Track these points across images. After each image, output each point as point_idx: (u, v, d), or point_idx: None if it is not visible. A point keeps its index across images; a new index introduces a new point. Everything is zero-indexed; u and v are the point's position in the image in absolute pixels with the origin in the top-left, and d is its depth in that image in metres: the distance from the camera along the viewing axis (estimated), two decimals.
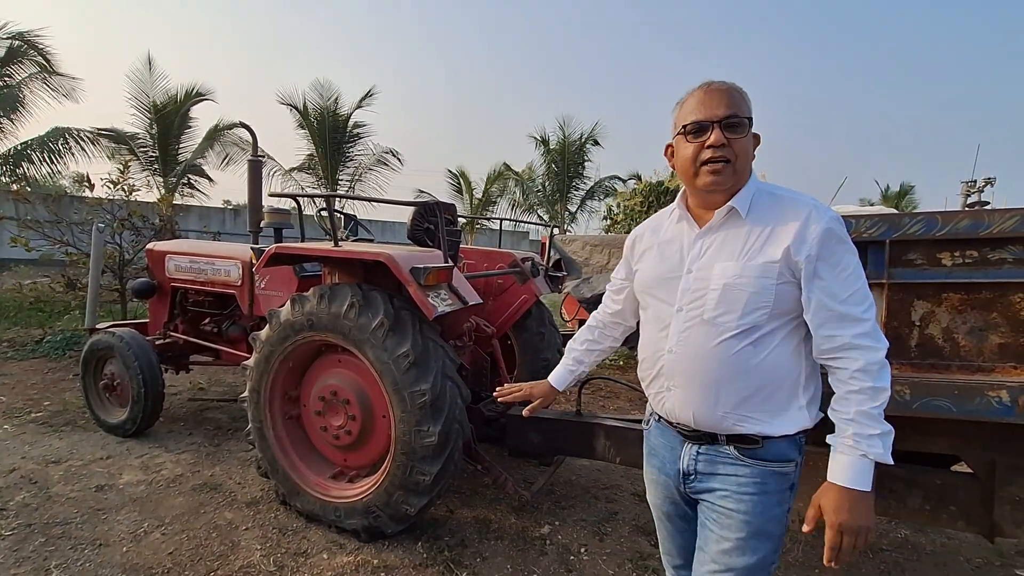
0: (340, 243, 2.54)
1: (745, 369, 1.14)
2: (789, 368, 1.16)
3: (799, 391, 1.17)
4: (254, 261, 3.33)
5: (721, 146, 1.13)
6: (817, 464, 1.90)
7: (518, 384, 1.65)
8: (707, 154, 1.15)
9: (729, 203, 1.16)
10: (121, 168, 6.97)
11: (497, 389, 1.68)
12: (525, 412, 1.63)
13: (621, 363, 6.42)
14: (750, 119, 1.15)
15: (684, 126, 1.17)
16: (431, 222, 2.87)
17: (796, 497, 1.25)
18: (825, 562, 1.11)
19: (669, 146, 1.27)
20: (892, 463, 1.07)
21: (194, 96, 12.16)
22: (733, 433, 1.18)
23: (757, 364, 1.14)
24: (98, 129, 10.48)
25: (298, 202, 2.79)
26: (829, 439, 1.13)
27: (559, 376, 1.61)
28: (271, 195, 2.91)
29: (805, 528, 1.15)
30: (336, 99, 14.85)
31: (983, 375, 1.58)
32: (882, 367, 1.09)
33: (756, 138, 1.19)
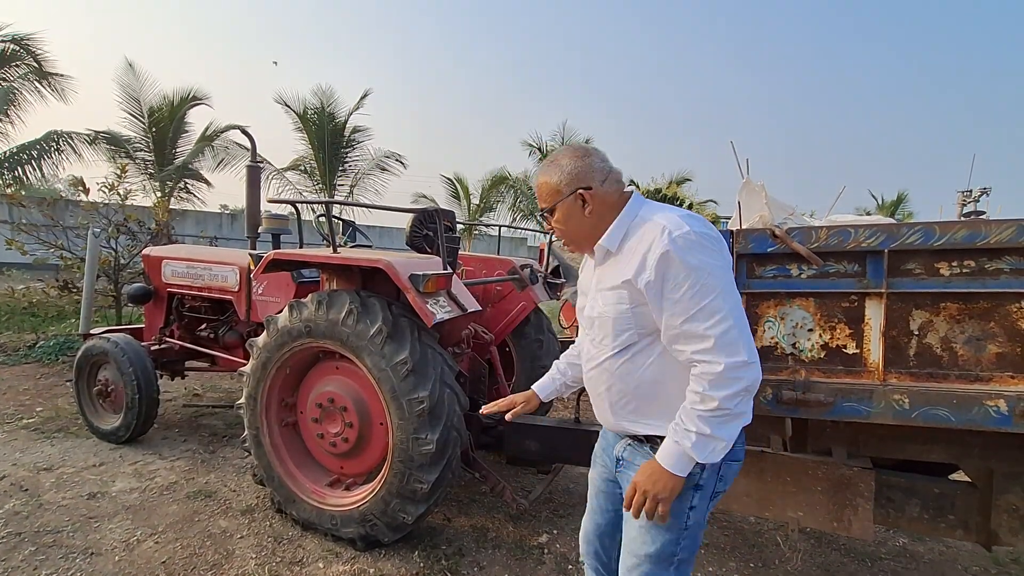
0: (338, 249, 2.54)
1: (627, 381, 1.29)
2: (670, 376, 1.25)
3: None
4: (252, 267, 3.32)
5: (554, 230, 1.38)
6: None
7: (503, 399, 1.71)
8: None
9: (599, 243, 1.31)
10: (118, 172, 6.96)
11: (482, 408, 1.74)
12: (508, 416, 1.68)
13: None
14: (559, 202, 1.32)
15: None
16: (430, 228, 2.87)
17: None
18: (624, 508, 1.31)
19: None
20: (699, 460, 1.18)
21: (189, 100, 12.11)
22: (632, 434, 1.34)
23: (638, 376, 1.28)
24: (95, 132, 10.44)
25: (296, 208, 2.79)
26: None
27: (542, 384, 1.70)
28: (270, 201, 2.91)
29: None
30: (334, 104, 14.86)
31: (981, 384, 1.59)
32: (718, 378, 1.13)
33: (579, 197, 1.31)
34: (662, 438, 1.24)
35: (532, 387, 1.70)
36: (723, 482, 1.30)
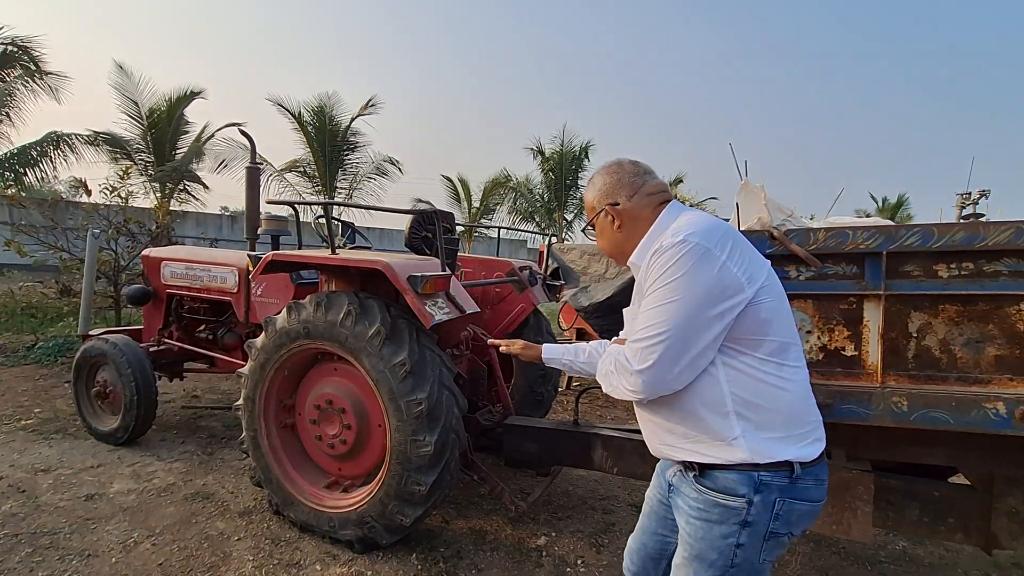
0: (337, 251, 2.54)
1: (659, 403, 1.22)
2: (700, 399, 1.17)
3: (725, 422, 1.15)
4: (251, 268, 3.32)
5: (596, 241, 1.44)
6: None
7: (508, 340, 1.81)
8: None
9: (630, 259, 1.34)
10: (121, 174, 6.97)
11: (489, 340, 1.88)
12: (502, 349, 1.76)
13: None
14: (594, 218, 1.39)
15: None
16: (429, 230, 2.87)
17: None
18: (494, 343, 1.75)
19: None
20: (547, 359, 1.60)
21: (187, 97, 12.10)
22: (674, 459, 1.27)
23: (672, 398, 1.19)
24: (95, 132, 10.44)
25: (295, 209, 2.79)
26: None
27: (553, 347, 1.67)
28: (269, 202, 2.90)
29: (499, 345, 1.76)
30: (334, 107, 14.88)
31: (980, 387, 1.58)
32: (615, 367, 1.21)
33: (608, 213, 1.35)
34: (702, 465, 1.18)
35: (543, 344, 1.68)
36: (781, 522, 1.15)
